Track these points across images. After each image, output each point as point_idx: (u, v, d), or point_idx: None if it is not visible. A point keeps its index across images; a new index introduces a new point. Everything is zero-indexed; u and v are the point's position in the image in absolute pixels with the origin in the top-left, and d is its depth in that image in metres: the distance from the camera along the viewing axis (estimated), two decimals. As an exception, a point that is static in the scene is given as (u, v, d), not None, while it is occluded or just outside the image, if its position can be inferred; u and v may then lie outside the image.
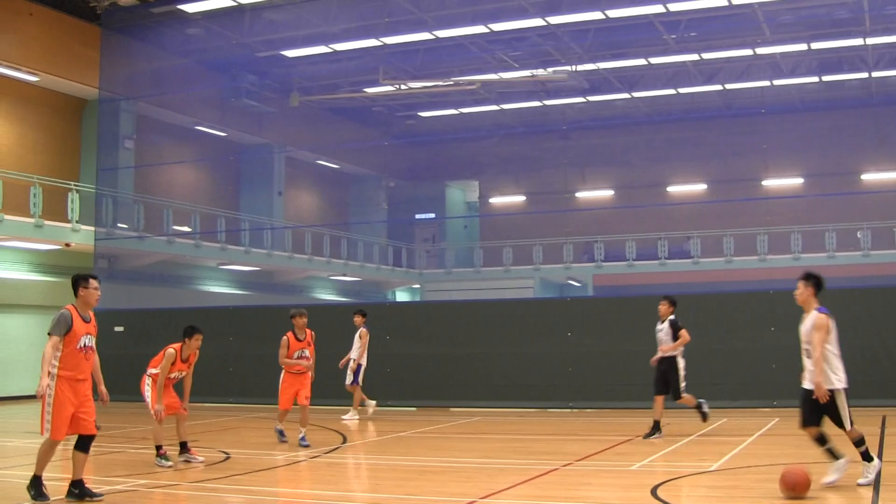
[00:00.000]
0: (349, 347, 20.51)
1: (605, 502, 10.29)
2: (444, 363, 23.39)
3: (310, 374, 16.04)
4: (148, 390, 13.62)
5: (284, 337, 15.95)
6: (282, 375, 16.04)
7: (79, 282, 11.15)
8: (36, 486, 10.06)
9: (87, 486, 10.27)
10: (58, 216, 30.12)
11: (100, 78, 32.06)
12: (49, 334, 10.33)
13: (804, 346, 10.22)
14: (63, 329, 10.33)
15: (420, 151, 46.33)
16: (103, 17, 31.75)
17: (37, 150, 33.75)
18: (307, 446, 15.08)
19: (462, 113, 43.03)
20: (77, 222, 30.45)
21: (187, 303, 30.63)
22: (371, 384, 21.15)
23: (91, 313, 10.99)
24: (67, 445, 10.85)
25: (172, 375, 13.68)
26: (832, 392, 9.93)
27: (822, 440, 10.13)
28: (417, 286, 48.37)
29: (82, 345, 10.46)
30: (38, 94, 33.63)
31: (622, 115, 42.70)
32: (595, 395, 21.98)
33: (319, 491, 11.47)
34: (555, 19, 31.56)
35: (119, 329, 27.76)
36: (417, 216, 50.21)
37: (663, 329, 15.85)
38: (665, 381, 15.81)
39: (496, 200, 50.82)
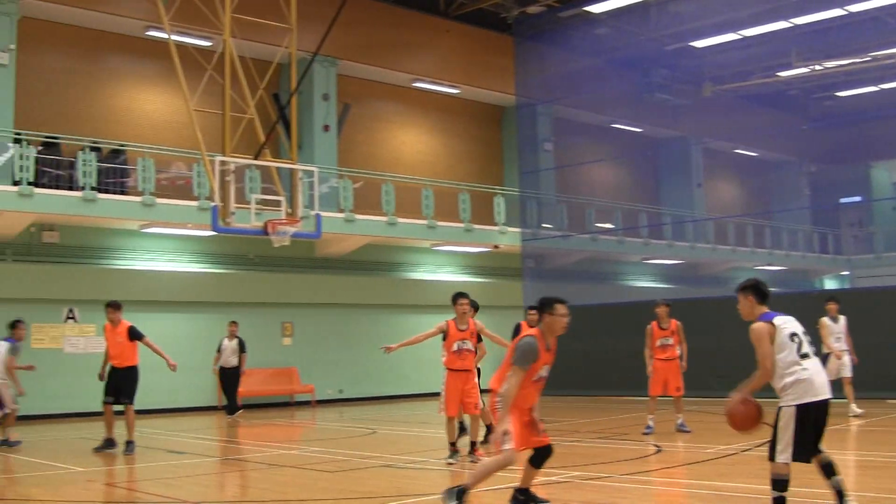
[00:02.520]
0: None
1: None
2: (877, 352, 21.72)
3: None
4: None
5: (648, 327, 16.86)
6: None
7: (545, 307, 9.69)
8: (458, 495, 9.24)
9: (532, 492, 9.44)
10: (485, 220, 31.20)
11: (516, 85, 32.88)
12: (513, 364, 9.02)
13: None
14: (530, 361, 9.02)
15: (840, 133, 43.90)
16: (514, 26, 32.61)
17: (462, 158, 35.24)
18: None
19: (883, 89, 40.38)
20: (504, 225, 31.36)
21: (613, 298, 30.69)
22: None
23: (553, 340, 9.60)
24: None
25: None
26: (778, 410, 8.10)
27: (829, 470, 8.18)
28: (846, 273, 45.94)
29: (538, 377, 9.24)
30: (459, 106, 35.13)
31: None
32: None
33: (753, 485, 10.95)
34: None
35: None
36: (842, 200, 47.70)
37: None
38: None
39: (926, 178, 47.41)
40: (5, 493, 9.86)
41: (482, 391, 13.29)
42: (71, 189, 23.56)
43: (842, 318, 18.60)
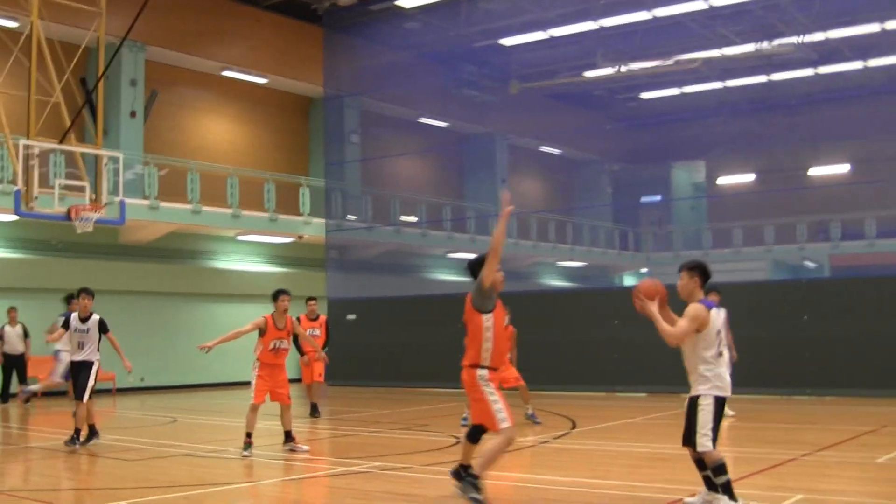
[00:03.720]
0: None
1: (847, 497, 9.74)
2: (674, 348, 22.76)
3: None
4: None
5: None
6: None
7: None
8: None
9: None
10: (290, 210, 31.17)
11: (324, 76, 32.91)
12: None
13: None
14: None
15: (643, 133, 45.46)
16: (324, 17, 32.59)
17: (269, 148, 35.10)
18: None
19: (685, 92, 42.01)
20: (308, 215, 31.39)
21: (415, 291, 31.09)
22: (599, 370, 20.90)
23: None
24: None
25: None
26: (695, 399, 8.46)
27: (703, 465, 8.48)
28: (645, 270, 47.65)
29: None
30: (267, 95, 34.96)
31: (856, 86, 40.68)
32: (835, 381, 21.04)
33: (546, 476, 11.41)
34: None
35: (351, 317, 28.49)
36: (643, 199, 49.48)
37: None
38: None
39: (724, 180, 49.46)
40: None
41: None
42: None
43: (722, 311, 19.45)
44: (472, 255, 9.50)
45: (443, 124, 40.59)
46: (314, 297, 19.93)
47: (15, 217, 20.73)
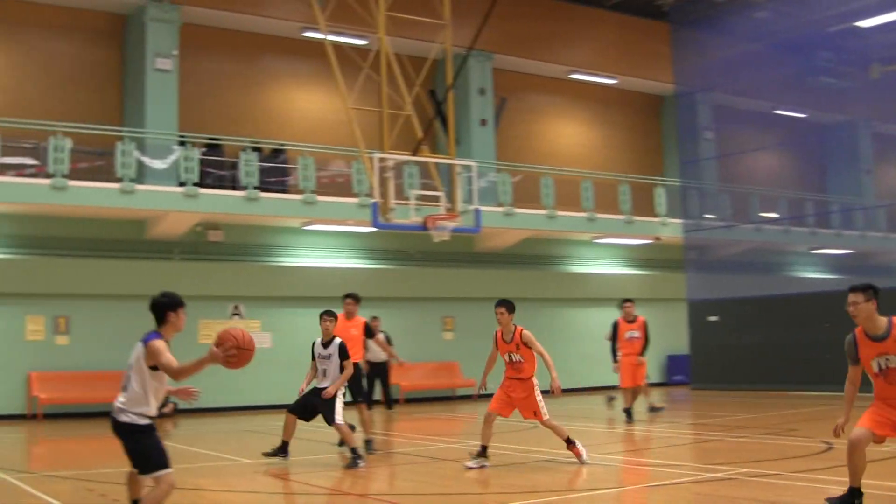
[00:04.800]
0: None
1: None
2: None
3: None
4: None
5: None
6: None
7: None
8: None
9: None
10: (646, 211, 30.76)
11: (674, 73, 32.29)
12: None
13: None
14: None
15: None
16: (670, 13, 32.04)
17: (621, 149, 34.87)
18: None
19: None
20: (665, 216, 30.85)
21: (779, 290, 29.87)
22: None
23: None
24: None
25: None
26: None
27: None
28: None
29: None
30: (617, 96, 34.76)
31: None
32: None
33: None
34: None
35: (713, 319, 27.71)
36: None
37: None
38: None
39: None
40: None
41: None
42: (234, 189, 24.15)
43: None
44: (837, 252, 8.91)
45: (800, 115, 39.00)
46: (630, 299, 19.64)
47: (373, 229, 21.41)
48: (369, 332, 15.25)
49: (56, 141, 21.86)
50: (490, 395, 12.95)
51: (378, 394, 24.26)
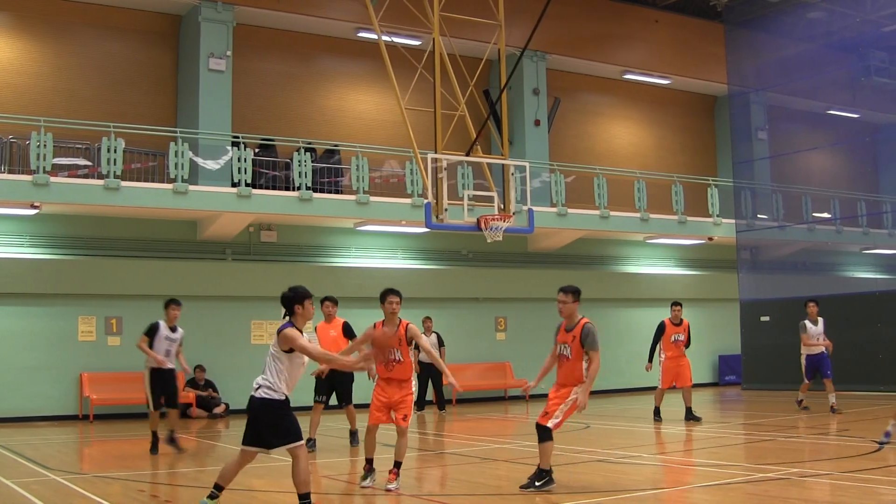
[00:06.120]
0: None
1: None
2: None
3: None
4: None
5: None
6: None
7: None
8: None
9: None
10: (699, 212, 30.67)
11: (728, 73, 32.16)
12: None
13: None
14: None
15: None
16: (724, 13, 31.91)
17: (674, 149, 34.80)
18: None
19: None
20: (718, 216, 30.75)
21: (831, 290, 29.70)
22: None
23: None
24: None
25: None
26: None
27: None
28: None
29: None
30: (671, 97, 34.70)
31: None
32: None
33: None
34: None
35: (765, 319, 27.63)
36: None
37: None
38: None
39: None
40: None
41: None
42: (287, 189, 24.28)
43: None
44: (889, 252, 9.04)
45: (854, 115, 38.71)
46: (679, 303, 19.72)
47: (426, 229, 21.52)
48: (348, 332, 15.56)
49: (109, 141, 22.04)
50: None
51: (430, 395, 24.44)
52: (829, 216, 35.19)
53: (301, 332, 8.97)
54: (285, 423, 8.88)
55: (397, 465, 11.15)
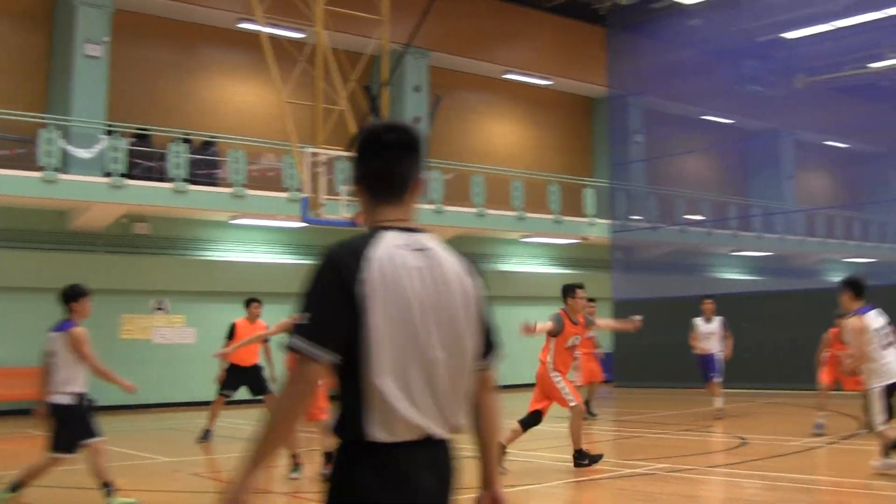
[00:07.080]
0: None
1: None
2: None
3: None
4: None
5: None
6: None
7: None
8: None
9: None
10: (575, 212, 31.04)
11: (608, 76, 32.66)
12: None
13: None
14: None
15: (936, 125, 42.78)
16: (607, 17, 32.42)
17: (552, 149, 35.17)
18: None
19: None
20: (593, 216, 31.18)
21: (700, 290, 30.37)
22: None
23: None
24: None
25: None
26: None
27: None
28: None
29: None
30: (551, 97, 35.04)
31: None
32: None
33: (835, 478, 10.77)
34: None
35: (637, 318, 28.04)
36: (945, 191, 46.48)
37: None
38: None
39: None
40: (88, 482, 10.03)
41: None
42: (162, 181, 23.78)
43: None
44: (757, 254, 9.72)
45: (727, 121, 39.73)
46: (593, 299, 19.73)
47: (302, 224, 21.38)
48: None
49: (-25, 127, 21.41)
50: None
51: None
52: (701, 218, 35.98)
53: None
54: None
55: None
